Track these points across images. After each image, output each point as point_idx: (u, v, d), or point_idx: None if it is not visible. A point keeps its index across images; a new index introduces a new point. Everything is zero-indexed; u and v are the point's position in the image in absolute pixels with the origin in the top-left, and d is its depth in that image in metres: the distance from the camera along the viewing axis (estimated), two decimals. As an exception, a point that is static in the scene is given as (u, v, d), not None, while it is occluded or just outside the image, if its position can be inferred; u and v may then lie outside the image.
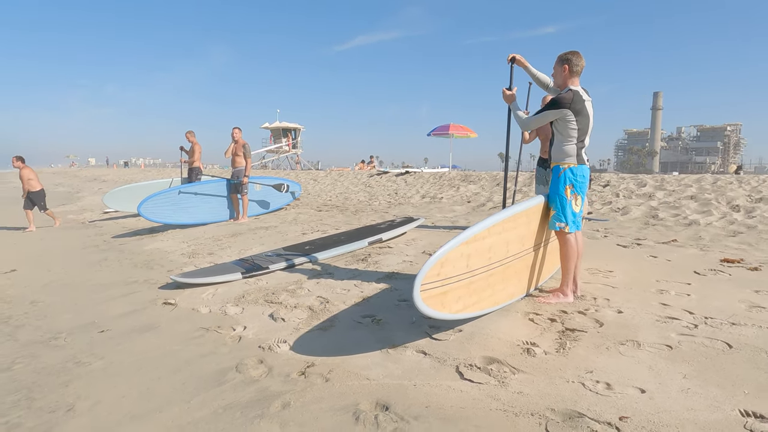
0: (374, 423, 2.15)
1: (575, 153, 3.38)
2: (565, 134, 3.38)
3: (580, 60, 3.38)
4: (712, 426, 1.93)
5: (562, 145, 3.40)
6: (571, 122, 3.34)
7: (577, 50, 3.39)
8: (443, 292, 2.66)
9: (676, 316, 3.01)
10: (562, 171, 3.40)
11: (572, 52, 3.39)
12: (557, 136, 3.46)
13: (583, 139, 3.38)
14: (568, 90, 3.40)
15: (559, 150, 3.43)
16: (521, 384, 2.37)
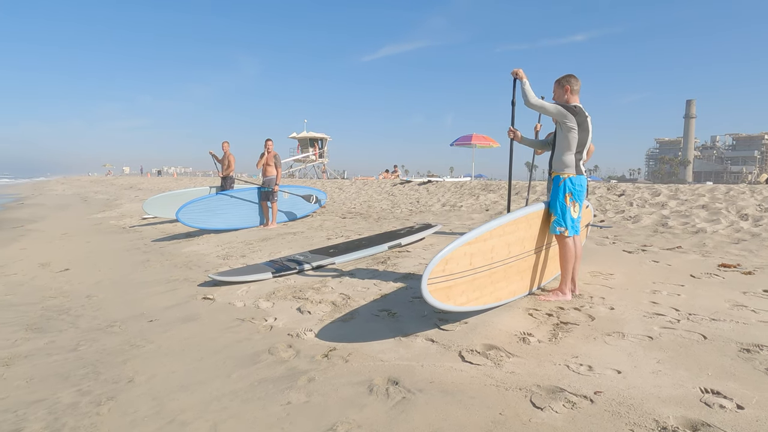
0: (385, 394, 2.55)
1: (574, 164, 3.72)
2: (565, 146, 3.72)
3: (577, 81, 3.75)
4: (673, 399, 2.25)
5: (563, 156, 3.74)
6: (572, 133, 3.68)
7: (572, 74, 3.76)
8: (448, 287, 3.04)
9: (662, 312, 3.31)
10: (563, 180, 3.75)
11: (570, 75, 3.75)
12: (558, 147, 3.81)
13: (582, 151, 3.73)
14: (572, 105, 3.75)
15: (559, 161, 3.78)
16: (514, 365, 2.73)
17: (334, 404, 2.50)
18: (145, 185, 32.26)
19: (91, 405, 2.74)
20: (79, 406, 2.73)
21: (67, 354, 3.54)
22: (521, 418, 2.22)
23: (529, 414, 2.24)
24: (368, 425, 2.28)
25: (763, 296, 3.56)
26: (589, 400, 2.31)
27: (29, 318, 4.47)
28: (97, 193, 27.98)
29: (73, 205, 20.68)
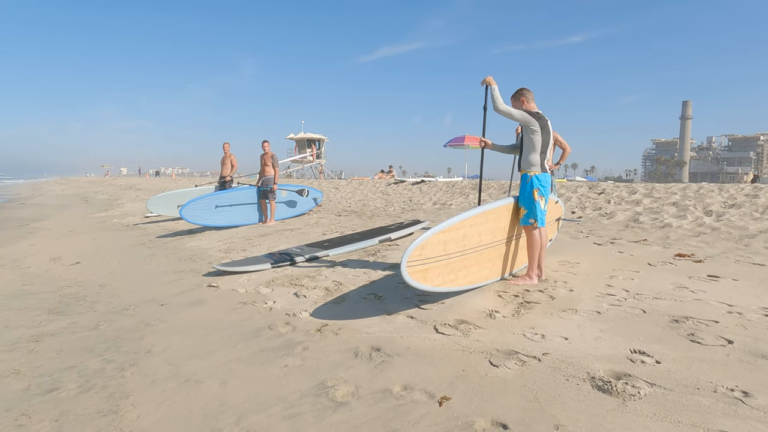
0: (368, 357, 3.00)
1: (539, 163, 4.19)
2: (531, 147, 4.19)
3: (530, 92, 4.25)
4: (605, 358, 2.71)
5: (529, 157, 4.21)
6: (536, 135, 4.15)
7: (526, 87, 4.25)
8: (425, 269, 3.49)
9: (613, 293, 3.78)
10: (530, 178, 4.21)
11: (523, 88, 4.25)
12: (525, 148, 4.27)
13: (545, 151, 4.19)
14: (534, 111, 4.23)
15: (526, 161, 4.24)
16: (479, 335, 3.19)
17: (324, 366, 2.96)
18: (144, 185, 32.64)
19: (116, 370, 3.19)
20: (106, 371, 3.17)
21: (89, 332, 3.98)
22: (479, 373, 2.68)
23: (486, 370, 2.70)
24: (353, 380, 2.73)
25: (705, 280, 4.03)
26: (537, 360, 2.77)
27: (49, 304, 4.91)
28: (97, 194, 28.35)
29: (74, 205, 21.06)
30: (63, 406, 2.74)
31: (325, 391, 2.64)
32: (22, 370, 3.27)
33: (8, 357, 3.50)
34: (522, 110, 4.17)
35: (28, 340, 3.85)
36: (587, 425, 2.11)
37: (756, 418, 2.05)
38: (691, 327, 3.02)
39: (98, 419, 2.56)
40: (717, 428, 2.00)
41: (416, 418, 2.30)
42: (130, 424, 2.50)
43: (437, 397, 2.45)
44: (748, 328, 2.96)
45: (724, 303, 3.41)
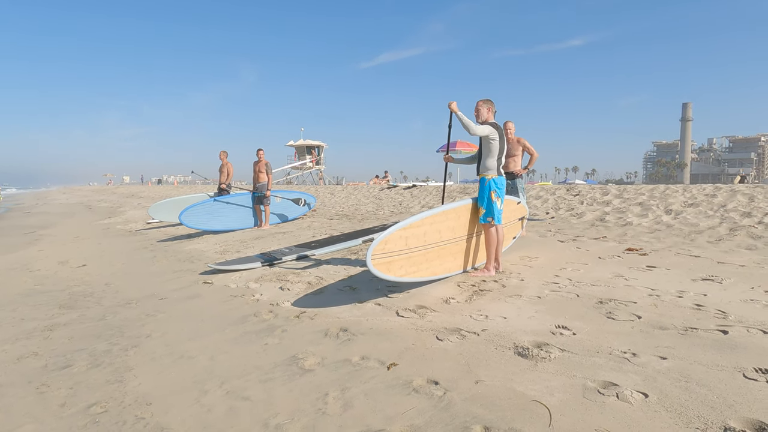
0: (336, 336, 3.51)
1: (495, 167, 4.71)
2: (488, 154, 4.71)
3: (494, 105, 4.76)
4: (533, 332, 3.21)
5: (486, 162, 4.72)
6: (494, 143, 4.67)
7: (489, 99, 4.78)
8: (389, 262, 4.00)
9: (558, 282, 4.28)
10: (488, 181, 4.72)
11: (490, 100, 4.76)
12: (483, 155, 4.78)
13: (501, 157, 4.71)
14: (493, 122, 4.75)
15: (484, 166, 4.76)
16: (433, 317, 3.70)
17: (298, 343, 3.47)
18: (147, 193, 33.27)
19: (121, 351, 3.71)
20: (112, 352, 3.69)
21: (97, 322, 4.50)
22: (426, 345, 3.18)
23: (432, 343, 3.21)
24: (320, 353, 3.24)
25: (642, 270, 4.52)
26: (476, 334, 3.27)
27: (60, 300, 5.43)
28: (100, 202, 28.96)
29: (78, 213, 21.65)
30: (76, 378, 3.25)
31: (295, 361, 3.15)
32: (39, 352, 3.78)
33: (27, 343, 4.01)
34: (487, 124, 4.67)
35: (43, 329, 4.37)
36: (501, 379, 2.61)
37: (634, 371, 2.55)
38: (611, 307, 3.53)
39: (106, 386, 3.07)
40: (601, 379, 2.50)
41: (366, 378, 2.80)
42: (132, 389, 3.00)
43: (387, 364, 2.96)
44: (658, 306, 3.46)
45: (649, 288, 3.91)
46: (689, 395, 2.27)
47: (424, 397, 2.52)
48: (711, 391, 2.29)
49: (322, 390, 2.72)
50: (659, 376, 2.48)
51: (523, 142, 6.57)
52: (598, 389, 2.40)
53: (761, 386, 2.28)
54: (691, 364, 2.57)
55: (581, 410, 2.25)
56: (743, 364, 2.51)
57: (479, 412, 2.32)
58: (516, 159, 6.53)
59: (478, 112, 4.79)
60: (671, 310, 3.37)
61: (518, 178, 6.50)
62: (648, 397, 2.29)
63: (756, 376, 2.37)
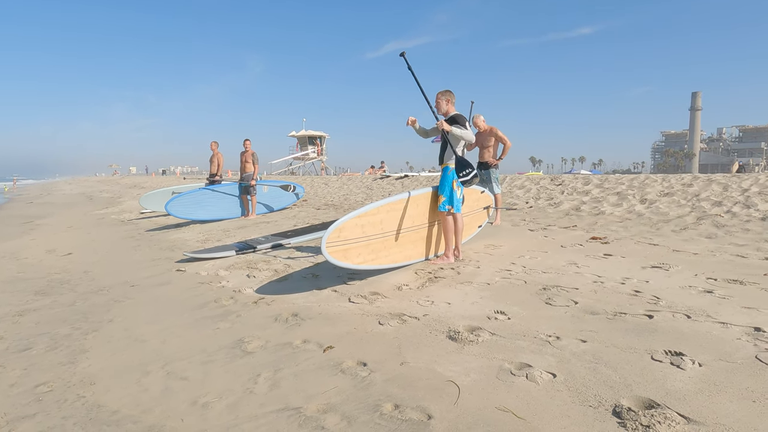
0: (285, 321, 3.62)
1: None
2: (456, 144, 4.76)
3: (453, 95, 4.80)
4: (470, 317, 3.30)
5: (451, 152, 4.77)
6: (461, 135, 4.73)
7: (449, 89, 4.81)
8: (345, 249, 4.10)
9: (511, 269, 4.36)
10: (451, 170, 4.79)
11: (448, 90, 4.80)
12: (449, 145, 4.83)
13: (463, 147, 4.77)
14: (456, 114, 4.80)
15: (449, 155, 4.80)
16: (382, 303, 3.79)
17: (248, 328, 3.58)
18: (149, 184, 33.51)
19: (81, 334, 3.84)
20: (72, 336, 3.82)
21: (66, 308, 4.64)
22: (366, 330, 3.28)
23: (372, 328, 3.31)
24: (265, 337, 3.35)
25: (598, 258, 4.59)
26: (417, 319, 3.37)
27: (37, 287, 5.58)
28: (102, 192, 29.26)
29: (79, 203, 21.93)
30: (32, 360, 3.38)
31: (240, 345, 3.27)
32: (4, 336, 3.92)
33: (-5, 327, 4.16)
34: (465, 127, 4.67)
35: (14, 314, 4.51)
36: (425, 361, 2.71)
37: (552, 353, 2.64)
38: (553, 293, 3.61)
39: (57, 368, 3.20)
40: (519, 360, 2.59)
41: (301, 360, 2.91)
42: (81, 371, 3.13)
43: (324, 347, 3.07)
44: (598, 293, 3.53)
45: (596, 275, 3.98)
46: (594, 376, 2.36)
47: (348, 378, 2.62)
48: (616, 371, 2.37)
49: (256, 371, 2.83)
50: (573, 358, 2.56)
51: (495, 132, 6.61)
52: (512, 370, 2.49)
53: (663, 367, 2.36)
54: (607, 347, 2.65)
55: (489, 390, 2.34)
56: (656, 346, 2.59)
57: (395, 391, 2.42)
58: (489, 149, 6.58)
59: (438, 106, 4.84)
60: (609, 296, 3.44)
61: (492, 168, 6.55)
62: (555, 378, 2.38)
63: (662, 357, 2.45)
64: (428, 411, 2.20)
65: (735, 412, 1.97)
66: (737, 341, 2.57)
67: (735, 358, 2.40)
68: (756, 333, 2.65)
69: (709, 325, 2.81)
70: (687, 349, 2.53)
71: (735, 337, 2.63)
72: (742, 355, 2.41)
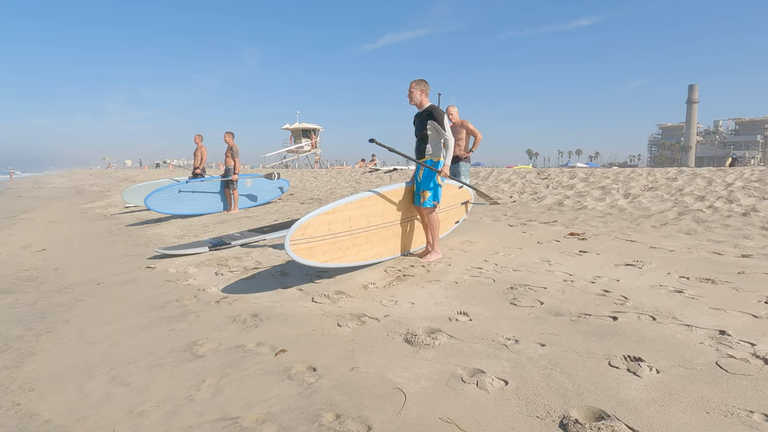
0: (243, 322, 3.49)
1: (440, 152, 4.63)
2: (436, 139, 4.61)
3: (428, 86, 4.65)
4: (432, 318, 3.18)
5: (433, 145, 4.62)
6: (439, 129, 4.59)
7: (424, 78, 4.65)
8: (310, 247, 3.96)
9: (483, 267, 4.24)
10: (435, 163, 4.64)
11: (423, 80, 4.64)
12: (430, 138, 4.67)
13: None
14: (431, 105, 4.66)
15: (436, 149, 4.64)
16: (345, 303, 3.67)
17: (204, 329, 3.45)
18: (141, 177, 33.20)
19: (33, 336, 3.70)
20: (25, 338, 3.68)
21: (26, 307, 4.50)
22: (323, 332, 3.16)
23: (330, 330, 3.18)
24: (219, 339, 3.23)
25: (572, 255, 4.47)
26: (377, 320, 3.24)
27: (2, 284, 5.43)
28: (92, 186, 29.00)
29: (67, 197, 21.69)
30: (-23, 363, 3.25)
31: (192, 347, 3.14)
32: (-45, 337, 3.78)
33: (-52, 327, 4.01)
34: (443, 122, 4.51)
35: (-29, 314, 4.37)
36: (377, 367, 2.59)
37: (508, 358, 2.52)
38: (520, 293, 3.49)
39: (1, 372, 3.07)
40: (473, 366, 2.47)
41: (250, 365, 2.78)
42: (24, 375, 3.00)
43: (277, 350, 2.94)
44: (565, 292, 3.42)
45: (567, 273, 3.86)
46: (547, 383, 2.24)
47: (294, 384, 2.50)
48: (570, 379, 2.26)
49: (202, 376, 2.70)
50: (529, 363, 2.45)
51: (467, 125, 6.48)
52: (463, 377, 2.38)
53: (619, 375, 2.25)
54: (565, 351, 2.53)
55: (437, 398, 2.22)
56: (615, 351, 2.47)
57: (338, 399, 2.30)
58: (460, 143, 6.45)
59: (411, 95, 4.69)
60: (576, 296, 3.32)
61: (462, 161, 6.45)
62: (507, 385, 2.26)
63: (620, 363, 2.34)
64: (369, 422, 2.08)
65: (686, 424, 1.85)
66: (699, 345, 2.46)
67: (695, 364, 2.28)
68: (720, 337, 2.53)
69: (673, 327, 2.69)
70: (647, 354, 2.41)
71: (698, 341, 2.51)
72: (702, 361, 2.30)
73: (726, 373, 2.18)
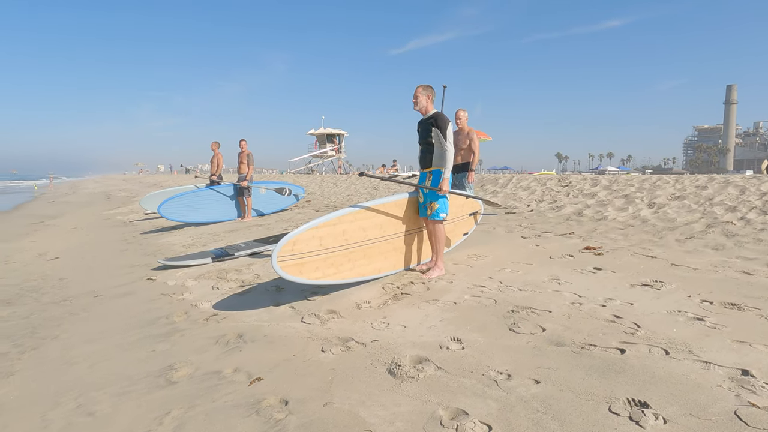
0: (226, 344, 3.31)
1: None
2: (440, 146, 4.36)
3: (433, 91, 4.41)
4: (422, 344, 2.93)
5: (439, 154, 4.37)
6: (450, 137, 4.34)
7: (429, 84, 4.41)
8: (301, 263, 3.76)
9: (486, 285, 3.95)
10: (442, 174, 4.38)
11: (428, 86, 4.40)
12: (437, 147, 4.42)
13: None
14: (436, 111, 4.42)
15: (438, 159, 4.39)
16: (334, 324, 3.45)
17: (185, 351, 3.29)
18: (168, 183, 33.86)
19: (18, 353, 3.62)
20: (9, 355, 3.60)
21: (20, 320, 4.44)
22: (305, 358, 2.94)
23: (312, 355, 2.96)
24: (197, 363, 3.05)
25: (584, 273, 4.13)
26: (363, 346, 3.01)
27: (6, 295, 5.42)
28: (121, 191, 29.67)
29: (95, 203, 22.20)
30: (-46, 383, 3.16)
31: (168, 372, 2.97)
32: (-57, 353, 3.72)
33: (-61, 342, 3.97)
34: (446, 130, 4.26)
35: (-33, 327, 4.33)
36: (352, 402, 2.35)
37: (496, 397, 2.25)
38: (522, 317, 3.20)
39: (-27, 394, 2.97)
40: (455, 406, 2.22)
41: (220, 395, 2.59)
42: (-5, 399, 2.89)
43: (252, 378, 2.74)
44: (571, 317, 3.11)
45: (577, 294, 3.55)
46: (536, 430, 1.97)
47: (261, 421, 2.30)
48: (562, 427, 1.98)
49: (169, 407, 2.53)
50: (519, 404, 2.18)
51: (471, 136, 6.18)
52: (443, 419, 2.12)
53: (619, 423, 1.95)
54: (561, 390, 2.25)
55: (409, 445, 1.98)
56: (618, 393, 2.18)
57: (303, 441, 2.09)
58: (461, 153, 6.10)
59: (417, 100, 4.45)
60: (582, 322, 3.02)
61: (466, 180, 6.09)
62: (491, 431, 2.00)
63: (621, 409, 2.04)
64: (329, 472, 1.85)
65: (693, 494, 1.56)
66: (717, 389, 2.14)
67: (709, 413, 1.97)
68: (742, 378, 2.20)
69: (687, 365, 2.37)
70: (654, 397, 2.11)
71: (715, 382, 2.19)
72: (718, 410, 1.98)
73: (746, 426, 1.87)
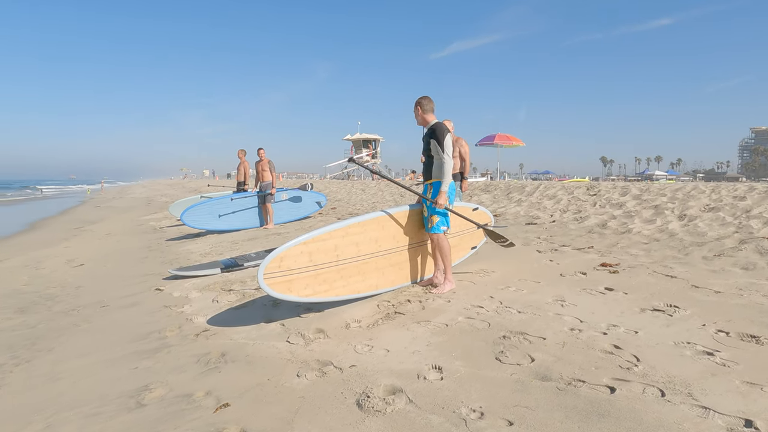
0: (207, 363, 3.23)
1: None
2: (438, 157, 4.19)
3: (430, 102, 4.22)
4: (399, 372, 2.74)
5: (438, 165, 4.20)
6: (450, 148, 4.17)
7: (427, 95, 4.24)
8: (289, 280, 3.64)
9: (484, 305, 3.72)
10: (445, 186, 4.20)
11: (424, 97, 4.23)
12: (436, 159, 4.26)
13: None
14: (434, 122, 4.25)
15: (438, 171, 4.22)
16: (318, 345, 3.31)
17: (165, 369, 3.23)
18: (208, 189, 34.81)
19: (12, 365, 3.66)
20: (4, 366, 3.65)
21: (26, 330, 4.54)
22: (278, 383, 2.82)
23: (286, 381, 2.83)
24: (172, 384, 2.98)
25: (593, 294, 3.82)
26: (340, 371, 2.86)
27: (23, 303, 5.58)
28: (162, 197, 30.65)
29: (136, 208, 23.02)
30: (-55, 395, 3.21)
31: (141, 393, 2.91)
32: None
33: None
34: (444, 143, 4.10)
35: (-24, 336, 4.45)
36: (310, 438, 2.21)
37: (461, 440, 2.05)
38: (512, 344, 2.96)
39: (-44, 409, 3.00)
40: (416, 448, 2.03)
41: (183, 422, 2.50)
42: (-26, 414, 2.90)
43: (220, 404, 2.64)
44: (566, 346, 2.85)
45: (578, 319, 3.27)
46: (494, 485, 1.76)
47: (212, 454, 2.18)
48: (524, 482, 1.76)
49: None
50: (484, 450, 1.97)
51: (462, 146, 6.04)
52: (398, 463, 1.94)
53: (588, 482, 1.72)
54: (534, 436, 2.02)
55: (354, 494, 1.81)
56: (597, 442, 1.93)
57: (247, 482, 1.95)
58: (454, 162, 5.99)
59: (415, 114, 4.32)
60: (576, 353, 2.76)
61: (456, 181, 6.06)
62: (445, 483, 1.80)
63: (595, 464, 1.81)
64: None
65: None
66: (712, 444, 1.86)
67: (696, 474, 1.71)
68: (742, 431, 1.92)
69: (683, 410, 2.09)
70: (636, 451, 1.86)
71: (712, 435, 1.91)
72: (708, 471, 1.72)
73: (737, 494, 1.60)
